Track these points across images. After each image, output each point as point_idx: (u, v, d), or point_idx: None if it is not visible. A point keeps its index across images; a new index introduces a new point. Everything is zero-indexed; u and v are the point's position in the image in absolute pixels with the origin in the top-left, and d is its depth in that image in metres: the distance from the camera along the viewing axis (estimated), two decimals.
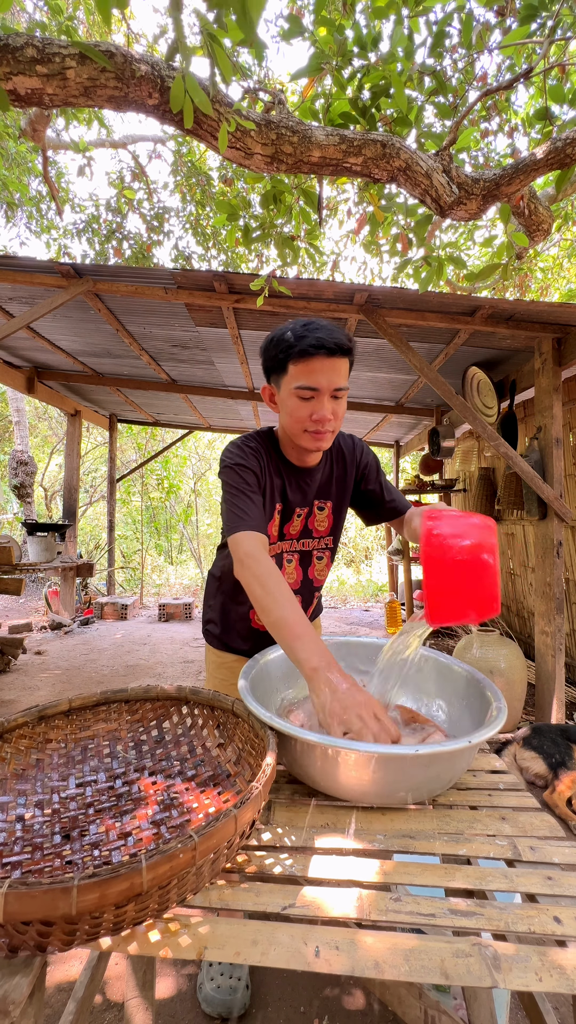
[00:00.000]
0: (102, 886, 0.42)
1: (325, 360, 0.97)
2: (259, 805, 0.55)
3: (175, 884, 0.48)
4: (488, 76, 3.32)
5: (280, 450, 1.16)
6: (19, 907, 0.41)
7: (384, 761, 0.68)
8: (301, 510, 1.19)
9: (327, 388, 1.00)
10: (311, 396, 1.00)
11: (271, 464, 1.13)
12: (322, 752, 0.70)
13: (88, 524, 11.25)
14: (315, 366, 0.98)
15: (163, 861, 0.44)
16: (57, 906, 0.41)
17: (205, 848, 0.47)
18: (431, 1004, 0.95)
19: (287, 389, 1.02)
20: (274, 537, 1.17)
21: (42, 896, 0.41)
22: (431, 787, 0.74)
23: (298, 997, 1.27)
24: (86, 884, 0.41)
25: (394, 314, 2.79)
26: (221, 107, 1.47)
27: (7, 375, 4.48)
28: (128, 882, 0.42)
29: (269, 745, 0.66)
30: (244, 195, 5.34)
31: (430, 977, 0.47)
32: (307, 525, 1.21)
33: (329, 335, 0.97)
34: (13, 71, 1.31)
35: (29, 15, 5.40)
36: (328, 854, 0.64)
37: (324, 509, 1.23)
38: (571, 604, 3.58)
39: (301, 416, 1.02)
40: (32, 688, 3.52)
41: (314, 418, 1.01)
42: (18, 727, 0.80)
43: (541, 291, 6.89)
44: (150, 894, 0.46)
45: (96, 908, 0.42)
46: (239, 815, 0.51)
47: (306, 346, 0.96)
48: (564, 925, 0.53)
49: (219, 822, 0.49)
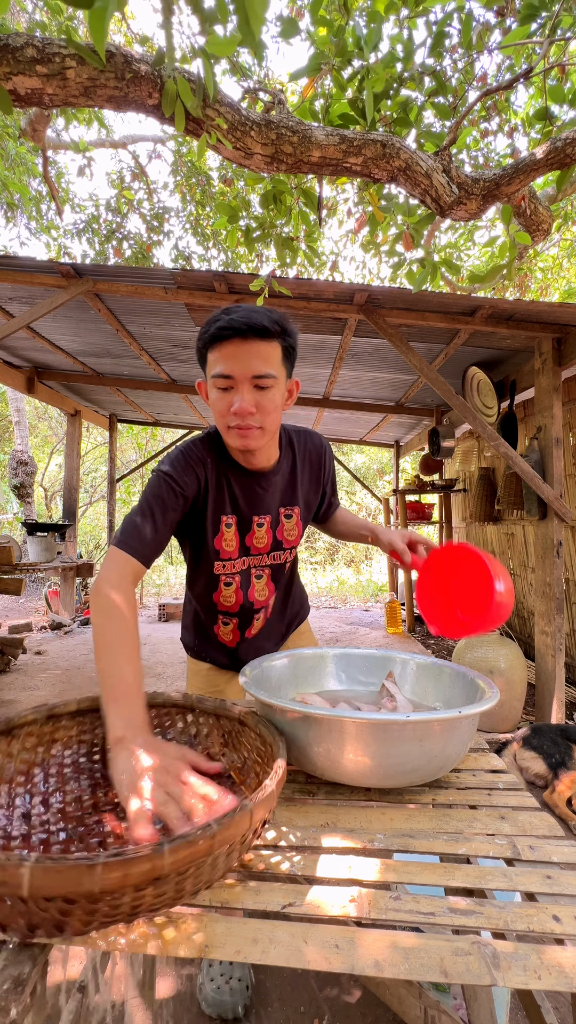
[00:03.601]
0: (125, 865, 0.42)
1: (241, 344, 0.87)
2: (271, 805, 0.56)
3: (192, 872, 0.49)
4: (488, 76, 3.32)
5: (227, 453, 1.04)
6: (44, 881, 0.41)
7: (374, 728, 0.71)
8: (261, 518, 1.08)
9: (243, 375, 0.89)
10: (228, 386, 0.90)
11: (217, 472, 1.03)
12: (315, 726, 0.73)
13: (88, 524, 11.26)
14: (229, 351, 0.88)
15: (184, 846, 0.45)
16: (81, 882, 0.41)
17: (223, 838, 0.48)
18: (431, 1004, 0.95)
19: (210, 382, 0.93)
20: (234, 553, 1.08)
21: (67, 871, 0.41)
22: (427, 765, 0.74)
23: (298, 997, 1.27)
24: (111, 862, 0.42)
25: (394, 314, 2.79)
26: (222, 107, 1.47)
27: (7, 375, 4.49)
28: (150, 863, 0.43)
29: (279, 751, 0.66)
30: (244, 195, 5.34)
31: (429, 975, 0.47)
32: (276, 536, 1.11)
33: (244, 316, 0.86)
34: (13, 71, 1.31)
35: (29, 15, 5.41)
36: (328, 853, 0.64)
37: (292, 517, 1.12)
38: (571, 604, 3.58)
39: (221, 409, 0.93)
40: (32, 688, 3.52)
41: (233, 410, 0.90)
42: (27, 724, 0.80)
43: (541, 291, 6.89)
44: (169, 879, 0.46)
45: (118, 888, 0.43)
46: (254, 810, 0.51)
47: (216, 330, 0.87)
48: (563, 924, 0.53)
49: (237, 814, 0.49)
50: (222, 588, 1.13)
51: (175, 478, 0.97)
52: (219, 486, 1.03)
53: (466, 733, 0.77)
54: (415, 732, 0.71)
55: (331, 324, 3.10)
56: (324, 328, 3.15)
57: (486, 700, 0.77)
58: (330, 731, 0.73)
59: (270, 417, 0.94)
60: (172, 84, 1.28)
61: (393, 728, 0.71)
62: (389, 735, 0.71)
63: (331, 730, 0.73)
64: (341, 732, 0.72)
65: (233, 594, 1.14)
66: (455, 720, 0.72)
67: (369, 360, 3.74)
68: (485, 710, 0.75)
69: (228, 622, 1.19)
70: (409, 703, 0.96)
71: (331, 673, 1.12)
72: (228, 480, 1.04)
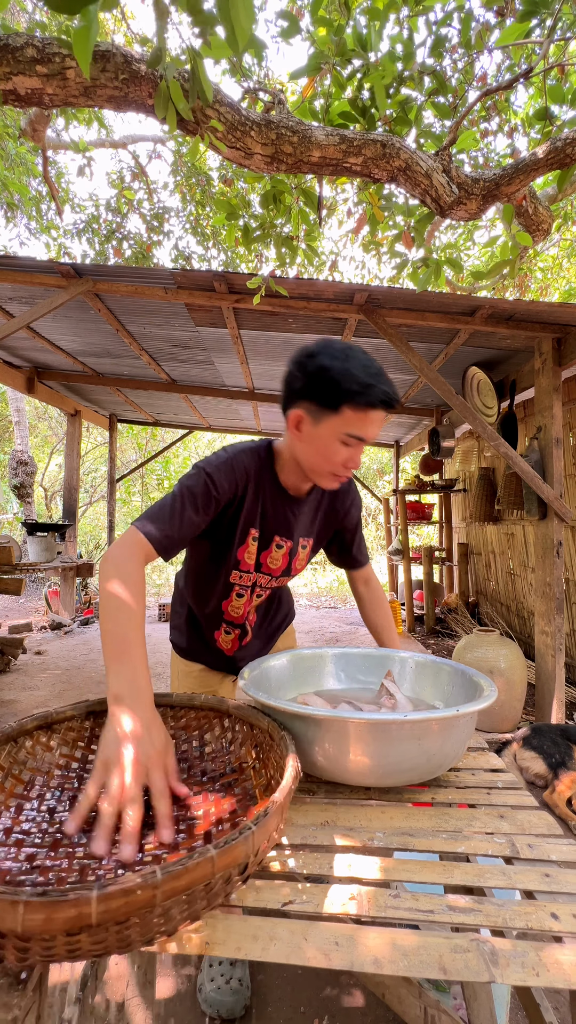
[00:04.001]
0: (49, 908, 0.39)
1: (382, 413, 0.93)
2: (251, 847, 0.49)
3: (136, 923, 0.44)
4: (488, 76, 3.33)
5: (275, 472, 1.06)
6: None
7: (373, 727, 0.70)
8: (283, 541, 1.10)
9: (372, 440, 0.95)
10: (355, 444, 0.94)
11: (259, 487, 1.04)
12: (314, 726, 0.73)
13: (88, 524, 11.25)
14: (373, 418, 0.92)
15: (119, 894, 0.41)
16: (3, 919, 0.40)
17: (170, 888, 0.43)
18: (431, 1003, 0.95)
19: (331, 430, 0.93)
20: (250, 566, 1.10)
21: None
22: (426, 764, 0.74)
23: (298, 997, 1.27)
24: (32, 902, 0.39)
25: (394, 314, 2.79)
26: (221, 107, 1.48)
27: (7, 375, 4.49)
28: (77, 910, 0.40)
29: (285, 779, 0.59)
30: (244, 195, 5.34)
31: (429, 972, 0.47)
32: (290, 563, 1.14)
33: (392, 390, 0.91)
34: (13, 71, 1.31)
35: (29, 15, 5.41)
36: (328, 851, 0.64)
37: (306, 548, 1.16)
38: (571, 604, 3.58)
39: (336, 460, 0.95)
40: (32, 688, 3.52)
41: (348, 464, 0.96)
42: (67, 720, 0.81)
43: (541, 291, 6.90)
44: (105, 927, 0.42)
45: (41, 931, 0.40)
46: (216, 857, 0.45)
47: (375, 400, 0.89)
48: (561, 921, 0.53)
49: (192, 861, 0.44)
50: (233, 598, 1.14)
51: (215, 480, 0.97)
52: (256, 499, 1.05)
53: (464, 731, 0.77)
54: (413, 731, 0.71)
55: (331, 324, 3.10)
56: (324, 328, 3.15)
57: (483, 698, 0.78)
58: (329, 731, 0.73)
59: None
60: (164, 86, 1.28)
61: (391, 727, 0.71)
62: (388, 734, 0.71)
63: (330, 730, 0.73)
64: (340, 732, 0.72)
65: (242, 606, 1.16)
66: (453, 719, 0.72)
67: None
68: (482, 708, 0.75)
69: (231, 631, 1.20)
70: (408, 702, 0.96)
71: (331, 673, 1.12)
72: (265, 497, 1.06)
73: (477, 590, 5.54)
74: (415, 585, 5.96)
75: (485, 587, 5.32)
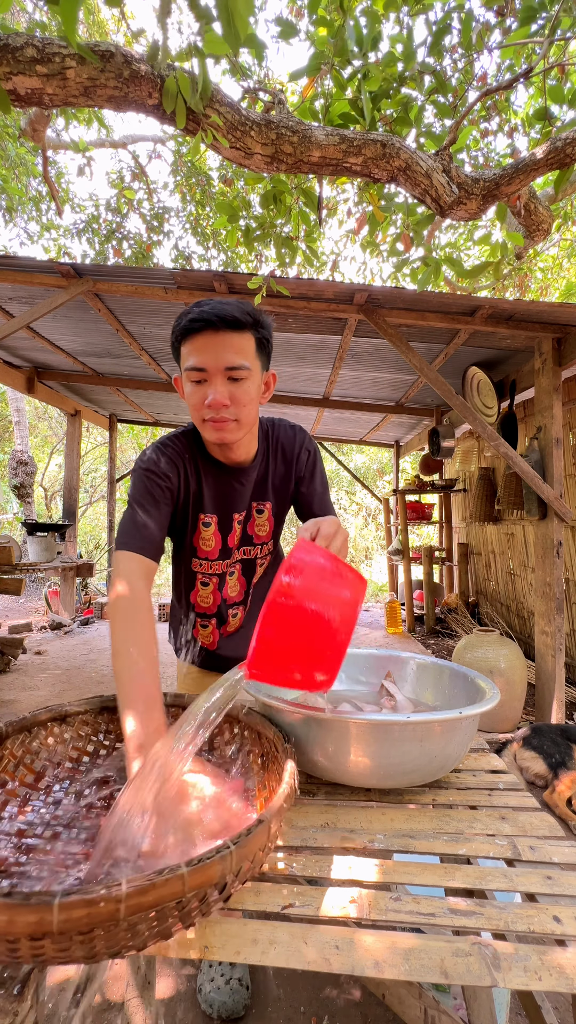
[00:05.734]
0: (8, 911, 0.38)
1: (213, 336, 0.87)
2: (229, 867, 0.46)
3: (101, 935, 0.42)
4: (488, 76, 3.32)
5: (207, 449, 1.03)
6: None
7: (375, 728, 0.70)
8: (239, 515, 1.07)
9: (216, 367, 0.88)
10: (202, 378, 0.89)
11: (193, 467, 1.02)
12: (315, 726, 0.73)
13: (88, 524, 11.25)
14: (200, 343, 0.87)
15: (80, 904, 0.39)
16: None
17: (135, 904, 0.40)
18: (431, 1004, 0.95)
19: (184, 377, 0.92)
20: (213, 554, 1.07)
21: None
22: (428, 766, 0.74)
23: (298, 997, 1.27)
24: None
25: (394, 314, 2.79)
26: (221, 107, 1.47)
27: (7, 375, 4.48)
28: (38, 916, 0.38)
29: (276, 798, 0.56)
30: (244, 195, 5.34)
31: (430, 976, 0.47)
32: (246, 531, 1.10)
33: (215, 307, 0.86)
34: (13, 71, 1.31)
35: (29, 15, 5.41)
36: (328, 853, 0.64)
37: (263, 512, 1.11)
38: (571, 604, 3.58)
39: (195, 402, 0.91)
40: (32, 688, 3.52)
41: (208, 403, 0.89)
42: (81, 713, 0.82)
43: (541, 291, 6.89)
44: (68, 935, 0.41)
45: (4, 933, 0.39)
46: (188, 876, 0.42)
47: (187, 322, 0.87)
48: (563, 924, 0.53)
49: (164, 876, 0.42)
50: (199, 588, 1.13)
51: (157, 472, 0.97)
52: (198, 482, 1.02)
53: (466, 733, 0.77)
54: (415, 733, 0.71)
55: (331, 324, 3.10)
56: (324, 328, 3.15)
57: (487, 700, 0.77)
58: (330, 731, 0.73)
59: (245, 409, 0.92)
60: (173, 80, 1.27)
61: (393, 729, 0.70)
62: (389, 736, 0.71)
63: (331, 730, 0.73)
64: (341, 732, 0.72)
65: (210, 595, 1.13)
66: (455, 721, 0.72)
67: (369, 360, 3.74)
68: (486, 711, 0.75)
69: (207, 624, 1.19)
70: (409, 702, 0.96)
71: None
72: (206, 477, 1.03)
73: (477, 590, 5.54)
74: (415, 585, 5.96)
75: (485, 587, 5.32)
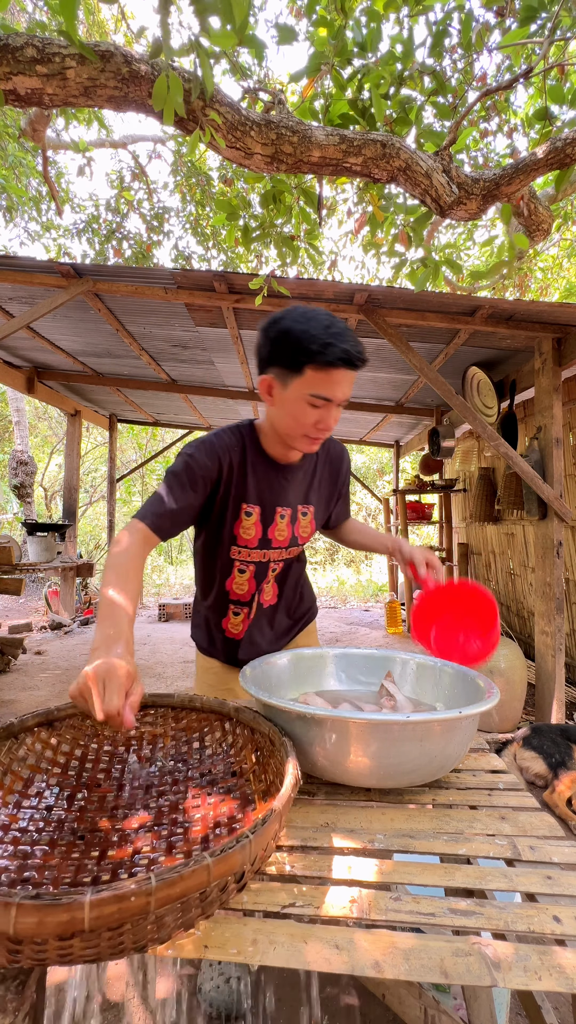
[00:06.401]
0: (39, 912, 0.39)
1: (348, 373, 0.94)
2: (248, 856, 0.47)
3: (129, 929, 0.43)
4: (488, 76, 3.33)
5: (260, 445, 1.10)
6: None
7: (375, 728, 0.71)
8: (284, 511, 1.14)
9: (341, 400, 0.97)
10: (323, 405, 0.97)
11: (245, 461, 1.08)
12: (315, 726, 0.73)
13: (88, 524, 11.25)
14: (336, 377, 0.94)
15: (112, 900, 0.40)
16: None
17: (163, 896, 0.42)
18: (431, 1004, 0.95)
19: (298, 392, 0.96)
20: (253, 542, 1.12)
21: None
22: (428, 766, 0.74)
23: (298, 997, 1.27)
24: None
25: (394, 314, 2.79)
26: (221, 107, 1.47)
27: (7, 375, 4.48)
28: (70, 915, 0.39)
29: (284, 787, 0.58)
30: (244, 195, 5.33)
31: (430, 976, 0.47)
32: (294, 532, 1.17)
33: (355, 348, 0.93)
34: (13, 71, 1.31)
35: (29, 15, 5.41)
36: (328, 853, 0.64)
37: (307, 515, 1.19)
38: (571, 604, 3.58)
39: (306, 422, 0.99)
40: (32, 688, 3.52)
41: (319, 426, 0.99)
42: (68, 716, 0.83)
43: (541, 291, 6.89)
44: (97, 932, 0.42)
45: (33, 935, 0.40)
46: (213, 865, 0.44)
47: (334, 358, 0.91)
48: (563, 924, 0.53)
49: (187, 869, 0.43)
50: (235, 575, 1.16)
51: (197, 460, 1.03)
52: (243, 473, 1.08)
53: (466, 733, 0.77)
54: (415, 732, 0.71)
55: None
56: None
57: (487, 700, 0.77)
58: (330, 731, 0.73)
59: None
60: (163, 79, 1.28)
61: (393, 728, 0.70)
62: (389, 735, 0.71)
63: (331, 730, 0.73)
64: (341, 732, 0.72)
65: (246, 583, 1.17)
66: (455, 720, 0.72)
67: (369, 360, 3.74)
68: (486, 710, 0.75)
69: (239, 611, 1.21)
70: (409, 702, 0.96)
71: (331, 673, 1.12)
72: (254, 470, 1.09)
73: None
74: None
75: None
